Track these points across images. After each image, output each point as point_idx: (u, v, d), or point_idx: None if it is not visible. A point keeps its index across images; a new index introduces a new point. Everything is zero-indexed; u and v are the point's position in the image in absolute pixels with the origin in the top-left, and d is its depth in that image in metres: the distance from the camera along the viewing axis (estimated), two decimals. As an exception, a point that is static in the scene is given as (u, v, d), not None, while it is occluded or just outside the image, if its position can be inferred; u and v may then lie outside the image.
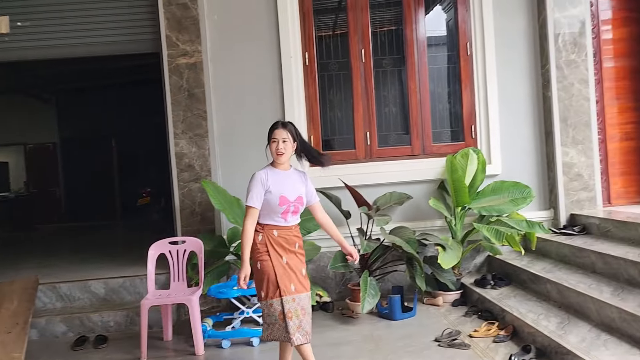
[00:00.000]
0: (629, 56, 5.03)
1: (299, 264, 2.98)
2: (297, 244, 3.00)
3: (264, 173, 2.96)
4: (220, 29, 4.75)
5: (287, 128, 2.98)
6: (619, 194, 5.03)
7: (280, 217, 2.94)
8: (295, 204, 2.95)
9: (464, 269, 4.88)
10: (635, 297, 3.25)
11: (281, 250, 2.92)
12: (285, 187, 2.93)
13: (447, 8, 5.18)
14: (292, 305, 2.85)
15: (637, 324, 2.93)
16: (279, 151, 2.94)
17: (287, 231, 2.96)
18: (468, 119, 5.01)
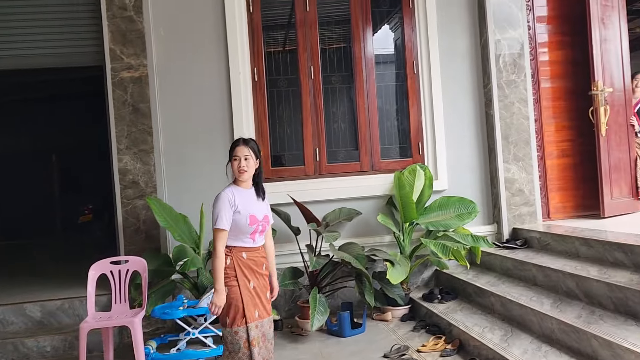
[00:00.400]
0: (564, 77, 5.29)
1: (265, 286, 2.88)
2: (264, 265, 2.89)
3: (230, 192, 2.80)
4: (167, 43, 4.66)
5: (249, 145, 2.84)
6: (557, 208, 5.25)
7: (249, 238, 2.81)
8: (263, 223, 2.86)
9: (413, 284, 4.94)
10: (574, 308, 3.38)
11: (250, 273, 2.79)
12: (252, 206, 2.82)
13: (394, 27, 5.30)
14: (256, 332, 2.75)
15: (575, 335, 3.04)
16: (241, 169, 2.80)
17: (255, 252, 2.85)
18: (415, 136, 5.12)
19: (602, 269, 3.64)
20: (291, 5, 4.97)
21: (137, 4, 4.53)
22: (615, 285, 3.23)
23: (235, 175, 2.85)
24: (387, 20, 5.29)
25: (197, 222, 4.30)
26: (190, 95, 4.70)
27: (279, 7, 5.05)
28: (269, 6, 4.96)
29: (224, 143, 4.71)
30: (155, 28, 4.62)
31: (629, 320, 3.03)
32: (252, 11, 4.83)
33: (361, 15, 5.03)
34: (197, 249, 4.27)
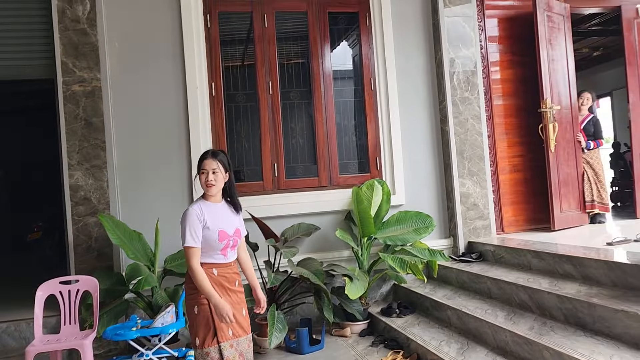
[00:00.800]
0: (514, 95, 5.48)
1: (239, 304, 2.78)
2: (237, 282, 2.80)
3: (198, 208, 2.71)
4: (121, 56, 4.57)
5: (217, 158, 2.75)
6: (510, 222, 5.39)
7: (220, 254, 2.73)
8: (234, 237, 2.78)
9: (371, 299, 4.95)
10: (526, 320, 3.46)
11: (221, 290, 2.70)
12: (222, 221, 2.74)
13: (352, 44, 5.37)
14: (230, 351, 2.65)
15: (527, 346, 3.10)
16: (208, 183, 2.71)
17: (227, 268, 2.76)
18: (373, 151, 5.17)
19: (552, 280, 3.75)
20: (249, 20, 4.97)
21: (90, 16, 4.43)
22: (565, 297, 3.33)
23: (203, 189, 2.77)
24: (345, 37, 5.36)
25: (152, 239, 4.20)
26: (146, 109, 4.61)
27: (237, 22, 5.05)
28: (227, 21, 4.95)
29: (181, 158, 4.65)
30: (109, 41, 4.52)
31: (579, 331, 3.13)
32: (209, 26, 4.81)
33: (319, 31, 5.08)
34: (152, 267, 4.16)
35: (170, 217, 4.52)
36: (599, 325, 3.07)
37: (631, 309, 2.88)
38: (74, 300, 3.76)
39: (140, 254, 4.14)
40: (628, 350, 2.77)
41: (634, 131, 5.75)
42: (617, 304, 3.02)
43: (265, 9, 4.96)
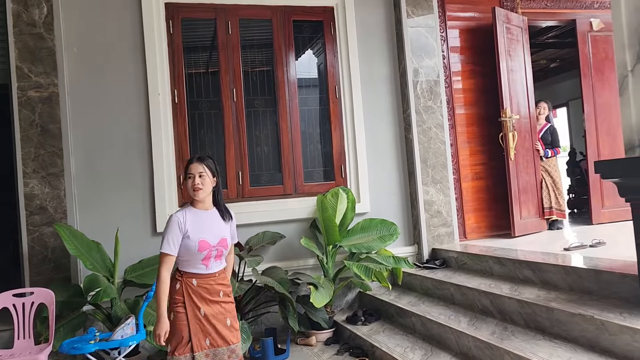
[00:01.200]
0: (476, 105, 5.60)
1: (223, 314, 2.73)
2: (222, 292, 2.75)
3: (182, 215, 2.68)
4: (80, 61, 4.45)
5: (204, 162, 2.73)
6: (472, 228, 5.49)
7: (201, 264, 2.68)
8: (219, 247, 2.71)
9: (337, 307, 4.94)
10: (488, 325, 3.52)
11: (200, 301, 2.67)
12: (205, 230, 2.69)
13: (317, 52, 5.39)
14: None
15: (489, 351, 3.15)
16: (195, 186, 2.68)
17: (208, 280, 2.70)
18: (338, 159, 5.19)
19: (513, 286, 3.83)
20: (213, 27, 4.93)
21: (47, 20, 4.31)
22: (525, 302, 3.40)
23: (190, 194, 2.72)
24: (310, 45, 5.38)
25: (111, 250, 4.08)
26: (105, 116, 4.50)
27: (201, 29, 5.00)
28: (190, 28, 4.90)
29: (142, 166, 4.56)
30: (67, 46, 4.41)
31: (538, 335, 3.19)
32: (172, 32, 4.74)
33: (284, 39, 5.08)
34: (112, 277, 4.04)
35: (131, 227, 4.44)
36: (557, 329, 3.14)
37: (587, 313, 2.96)
38: (28, 313, 3.62)
39: (99, 265, 4.03)
40: (585, 352, 2.85)
41: (589, 140, 5.94)
42: (574, 307, 3.10)
43: (229, 16, 4.93)
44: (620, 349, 2.73)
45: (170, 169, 4.62)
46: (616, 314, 2.88)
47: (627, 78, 3.04)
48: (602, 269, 3.36)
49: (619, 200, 4.43)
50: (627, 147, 3.06)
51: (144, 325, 3.76)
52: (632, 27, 2.99)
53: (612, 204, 5.80)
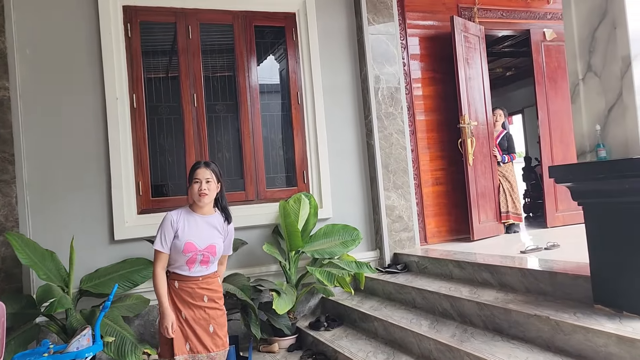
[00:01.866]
0: (435, 111, 5.70)
1: (207, 320, 2.74)
2: (207, 297, 2.76)
3: (176, 214, 2.76)
4: (34, 64, 4.31)
5: (210, 167, 2.80)
6: (433, 233, 5.57)
7: (185, 266, 2.72)
8: (205, 252, 2.73)
9: (300, 313, 4.92)
10: (449, 328, 3.57)
11: (182, 303, 2.71)
12: (195, 233, 2.73)
13: (279, 58, 5.39)
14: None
15: (450, 353, 3.19)
16: (202, 192, 2.72)
17: (190, 283, 2.74)
18: (300, 165, 5.19)
19: (472, 289, 3.90)
20: (173, 31, 4.86)
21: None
22: (484, 304, 3.47)
23: (195, 199, 2.76)
24: (272, 51, 5.37)
25: (66, 259, 3.95)
26: (60, 120, 4.36)
27: (160, 33, 4.92)
28: (149, 31, 4.81)
29: (99, 172, 4.44)
30: (20, 48, 4.26)
31: (497, 336, 3.26)
32: (130, 35, 4.65)
33: (245, 45, 5.05)
34: (67, 287, 3.91)
35: (87, 235, 4.32)
36: (515, 330, 3.22)
37: (543, 314, 3.04)
38: (-24, 326, 3.45)
39: (53, 275, 3.89)
40: (541, 352, 2.92)
41: (543, 146, 6.14)
42: (531, 309, 3.18)
43: (189, 21, 4.87)
44: (574, 348, 2.82)
45: (128, 175, 4.52)
46: (570, 314, 2.97)
47: (578, 86, 3.16)
48: (556, 270, 3.47)
49: (572, 204, 4.58)
50: (579, 153, 3.17)
51: (100, 336, 3.64)
52: (583, 38, 3.12)
53: (566, 207, 6.01)
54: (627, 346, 2.54)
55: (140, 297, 4.20)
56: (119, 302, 4.10)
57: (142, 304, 4.15)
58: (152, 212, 4.59)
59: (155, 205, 4.64)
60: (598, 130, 3.01)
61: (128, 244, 4.44)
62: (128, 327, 3.91)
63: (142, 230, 4.46)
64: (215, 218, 2.87)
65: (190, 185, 2.80)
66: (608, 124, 2.97)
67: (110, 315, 3.89)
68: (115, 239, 4.40)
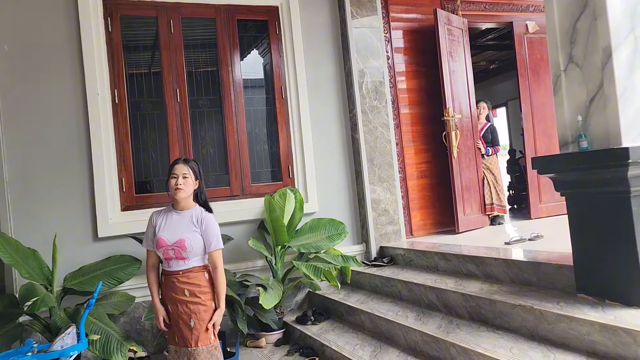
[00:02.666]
0: (420, 104, 5.72)
1: (188, 314, 2.78)
2: (187, 291, 2.80)
3: (157, 212, 2.92)
4: (12, 60, 4.23)
5: (188, 164, 2.89)
6: (419, 226, 5.60)
7: (165, 261, 2.83)
8: (175, 247, 2.78)
9: (286, 307, 4.92)
10: (435, 319, 3.59)
11: (167, 298, 2.85)
12: (168, 229, 2.82)
13: (263, 53, 5.35)
14: (174, 356, 2.82)
15: (436, 345, 3.22)
16: (177, 187, 2.81)
17: (172, 277, 2.82)
18: (285, 160, 5.17)
19: (458, 280, 3.93)
20: (155, 26, 4.80)
21: (-25, 16, 4.07)
22: (469, 295, 3.50)
23: (172, 193, 2.85)
24: (255, 45, 5.33)
25: (49, 257, 3.90)
26: (41, 117, 4.29)
27: (142, 28, 4.86)
28: (130, 26, 4.74)
29: (82, 169, 4.38)
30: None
31: (482, 327, 3.29)
32: (111, 30, 4.58)
33: (228, 39, 5.01)
34: (50, 286, 3.86)
35: (70, 232, 4.27)
36: (500, 320, 3.25)
37: (527, 303, 3.07)
38: (-43, 327, 3.40)
39: (36, 273, 3.83)
40: (525, 341, 2.95)
41: (526, 138, 6.20)
42: (515, 299, 3.21)
43: (171, 14, 4.82)
44: (558, 337, 2.85)
45: (111, 171, 4.47)
46: (554, 304, 3.00)
47: (560, 77, 3.18)
48: (540, 261, 3.50)
49: (555, 195, 4.63)
50: (561, 144, 3.20)
51: (85, 334, 3.61)
52: (564, 29, 3.14)
53: (549, 199, 6.07)
54: (610, 334, 2.57)
55: (125, 294, 4.16)
56: (104, 299, 4.06)
57: (127, 301, 4.11)
58: (135, 208, 4.55)
59: (139, 202, 4.60)
60: (580, 121, 3.04)
61: (112, 241, 4.39)
62: (113, 325, 3.88)
63: (126, 227, 4.42)
64: (191, 212, 2.88)
65: (168, 179, 2.89)
66: (589, 114, 3.01)
67: (95, 313, 3.85)
68: (99, 236, 4.36)
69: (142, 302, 4.37)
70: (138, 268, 4.18)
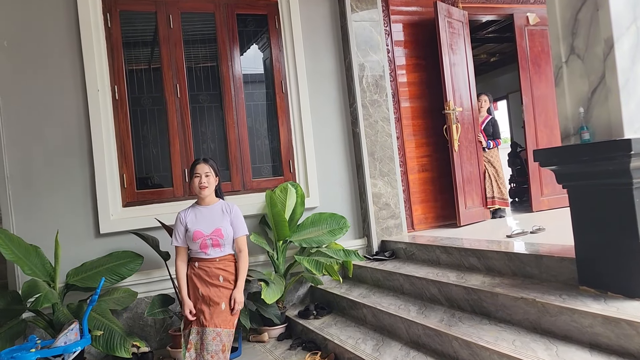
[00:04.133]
0: (420, 97, 5.70)
1: (220, 297, 3.06)
2: (222, 277, 3.10)
3: (184, 212, 3.19)
4: (12, 56, 4.22)
5: (208, 163, 3.19)
6: (420, 220, 5.60)
7: (200, 251, 3.10)
8: (213, 236, 3.09)
9: (288, 302, 4.93)
10: (437, 313, 3.59)
11: (199, 281, 3.08)
12: (201, 222, 3.12)
13: (263, 47, 5.34)
14: (194, 337, 3.03)
15: (438, 338, 3.22)
16: (202, 185, 3.12)
17: (208, 263, 3.10)
18: (286, 154, 5.16)
19: (460, 274, 3.93)
20: (154, 21, 4.78)
21: (-27, 12, 4.06)
22: (471, 288, 3.50)
23: (196, 191, 3.16)
24: (255, 40, 5.31)
25: (51, 253, 3.90)
26: (42, 114, 4.29)
27: (141, 23, 4.84)
28: (129, 22, 4.73)
29: (82, 165, 4.38)
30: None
31: (484, 320, 3.29)
32: (110, 25, 4.57)
33: (227, 34, 5.00)
34: (53, 282, 3.86)
35: (72, 228, 4.28)
36: (502, 313, 3.25)
37: (529, 296, 3.07)
38: (-40, 324, 3.41)
39: (39, 270, 3.84)
40: (528, 334, 2.95)
41: (528, 131, 6.18)
42: (517, 292, 3.21)
43: (170, 9, 4.80)
44: (560, 329, 2.85)
45: (112, 167, 4.46)
46: (556, 296, 3.00)
47: (561, 69, 3.17)
48: (542, 253, 3.50)
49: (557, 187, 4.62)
50: (563, 136, 3.19)
51: (88, 330, 3.62)
52: (565, 20, 3.12)
53: (551, 191, 6.07)
54: (612, 326, 2.57)
55: (128, 290, 4.17)
56: (107, 295, 4.07)
57: (130, 297, 4.12)
58: (137, 204, 4.56)
59: (140, 198, 4.60)
60: (582, 113, 3.02)
61: (114, 237, 4.40)
62: (116, 320, 3.89)
63: (127, 223, 4.42)
64: (217, 205, 3.23)
65: (191, 179, 3.18)
66: (591, 106, 2.99)
67: (98, 309, 3.86)
68: (100, 232, 4.36)
69: (145, 298, 4.38)
70: (140, 264, 4.19)
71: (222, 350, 3.02)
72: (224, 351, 3.03)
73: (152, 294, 4.34)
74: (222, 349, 3.02)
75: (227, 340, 3.06)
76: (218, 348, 2.99)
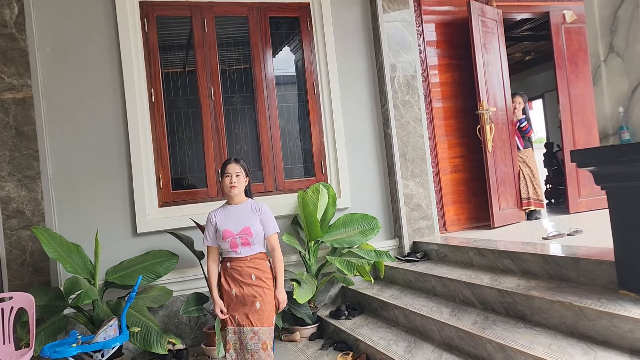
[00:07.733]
0: (453, 98, 5.65)
1: (254, 296, 3.04)
2: (254, 276, 3.06)
3: (214, 213, 3.20)
4: (54, 62, 4.38)
5: (239, 163, 3.19)
6: (452, 221, 5.54)
7: (231, 250, 3.08)
8: (242, 235, 3.07)
9: (320, 302, 4.96)
10: (470, 315, 3.56)
11: (232, 281, 3.07)
12: (230, 221, 3.10)
13: (295, 49, 5.38)
14: (232, 337, 3.02)
15: (471, 340, 3.19)
16: (232, 184, 3.12)
17: (239, 262, 3.07)
18: (318, 155, 5.19)
19: (493, 276, 3.88)
20: (189, 25, 4.88)
21: (19, 20, 4.22)
22: (505, 291, 3.45)
23: (227, 190, 3.15)
24: (287, 42, 5.36)
25: (91, 251, 4.03)
26: (82, 116, 4.43)
27: (176, 28, 4.95)
28: (165, 26, 4.84)
29: (121, 166, 4.51)
30: (40, 46, 4.33)
31: (519, 323, 3.24)
32: (147, 31, 4.69)
33: (260, 37, 5.06)
34: (93, 279, 4.00)
35: (111, 228, 4.40)
36: (538, 317, 3.20)
37: (566, 300, 3.02)
38: (8, 318, 3.55)
39: (80, 267, 3.98)
40: (564, 338, 2.90)
41: (564, 130, 6.05)
42: (553, 295, 3.15)
43: (204, 14, 4.89)
44: (599, 334, 2.79)
45: (149, 168, 4.58)
46: (594, 300, 2.94)
47: (600, 68, 3.10)
48: (579, 256, 3.42)
49: (595, 189, 4.52)
50: (601, 136, 3.12)
51: (126, 326, 3.72)
52: (604, 18, 3.05)
53: (589, 193, 5.92)
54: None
55: (164, 288, 4.27)
56: (144, 293, 4.18)
57: (166, 295, 4.21)
58: (172, 204, 4.66)
59: (175, 198, 4.70)
60: (621, 113, 2.95)
61: (150, 237, 4.51)
62: (153, 318, 3.99)
63: (163, 223, 4.53)
64: (246, 205, 3.20)
65: (222, 179, 3.17)
66: (631, 105, 2.92)
67: (135, 306, 3.97)
68: (137, 231, 4.48)
69: (180, 296, 4.48)
70: (176, 263, 4.28)
71: (263, 349, 2.97)
72: (265, 349, 2.98)
73: (187, 292, 4.44)
74: (263, 347, 2.98)
75: (267, 338, 3.00)
76: (257, 347, 2.97)
